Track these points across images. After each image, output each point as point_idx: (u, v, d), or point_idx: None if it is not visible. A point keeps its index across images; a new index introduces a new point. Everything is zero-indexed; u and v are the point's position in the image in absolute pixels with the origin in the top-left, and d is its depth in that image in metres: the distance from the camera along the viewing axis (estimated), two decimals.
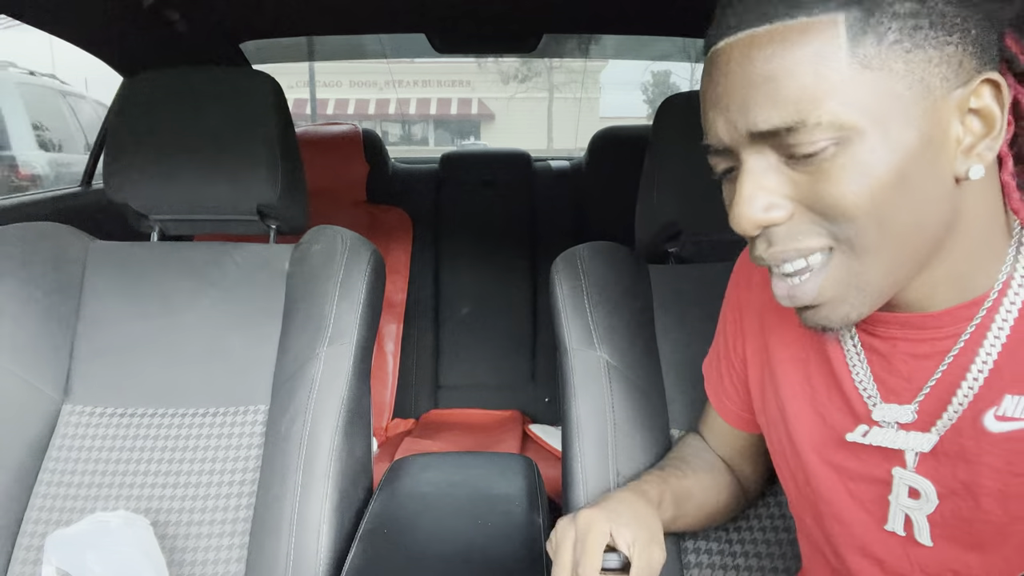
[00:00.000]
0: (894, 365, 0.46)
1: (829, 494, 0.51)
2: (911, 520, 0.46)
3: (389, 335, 1.71)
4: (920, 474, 0.45)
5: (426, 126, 21.24)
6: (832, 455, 0.50)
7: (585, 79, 18.64)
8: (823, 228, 0.39)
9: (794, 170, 0.39)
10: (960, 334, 0.42)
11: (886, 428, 0.46)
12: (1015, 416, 0.41)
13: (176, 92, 0.87)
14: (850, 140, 0.36)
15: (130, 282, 0.87)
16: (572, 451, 0.72)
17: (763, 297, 0.57)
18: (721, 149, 0.41)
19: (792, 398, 0.53)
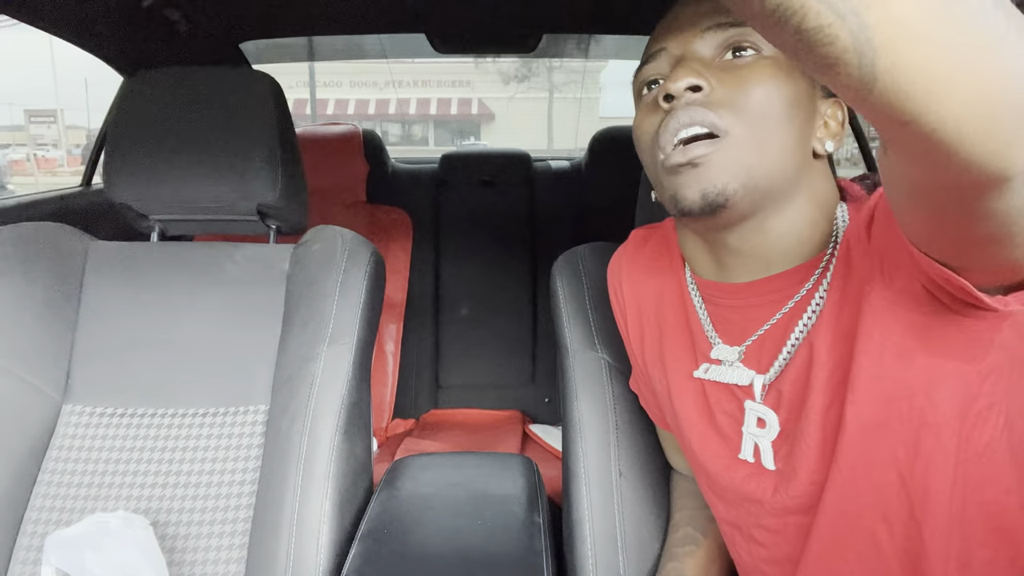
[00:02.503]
0: (743, 323, 0.55)
1: (696, 429, 0.59)
2: (759, 448, 0.54)
3: (389, 335, 1.71)
4: (767, 405, 0.53)
5: (426, 126, 21.25)
6: (694, 386, 0.59)
7: (585, 79, 18.65)
8: (724, 111, 0.47)
9: (720, 67, 0.48)
10: (796, 293, 0.51)
11: (723, 366, 0.56)
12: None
13: (176, 92, 0.86)
14: (767, 59, 0.48)
15: (130, 282, 0.87)
16: (574, 452, 0.72)
17: (631, 280, 0.67)
18: (664, 52, 0.51)
19: (667, 340, 0.62)
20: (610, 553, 0.68)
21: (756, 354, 0.54)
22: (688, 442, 0.60)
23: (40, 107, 16.69)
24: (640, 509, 0.70)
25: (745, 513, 0.56)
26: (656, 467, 0.73)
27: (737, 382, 0.55)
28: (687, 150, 0.48)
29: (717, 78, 0.48)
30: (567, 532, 0.73)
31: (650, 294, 0.64)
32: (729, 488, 0.56)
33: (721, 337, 0.57)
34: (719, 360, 0.56)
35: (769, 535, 0.54)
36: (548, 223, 1.83)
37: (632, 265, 0.67)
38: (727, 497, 0.57)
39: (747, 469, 0.55)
